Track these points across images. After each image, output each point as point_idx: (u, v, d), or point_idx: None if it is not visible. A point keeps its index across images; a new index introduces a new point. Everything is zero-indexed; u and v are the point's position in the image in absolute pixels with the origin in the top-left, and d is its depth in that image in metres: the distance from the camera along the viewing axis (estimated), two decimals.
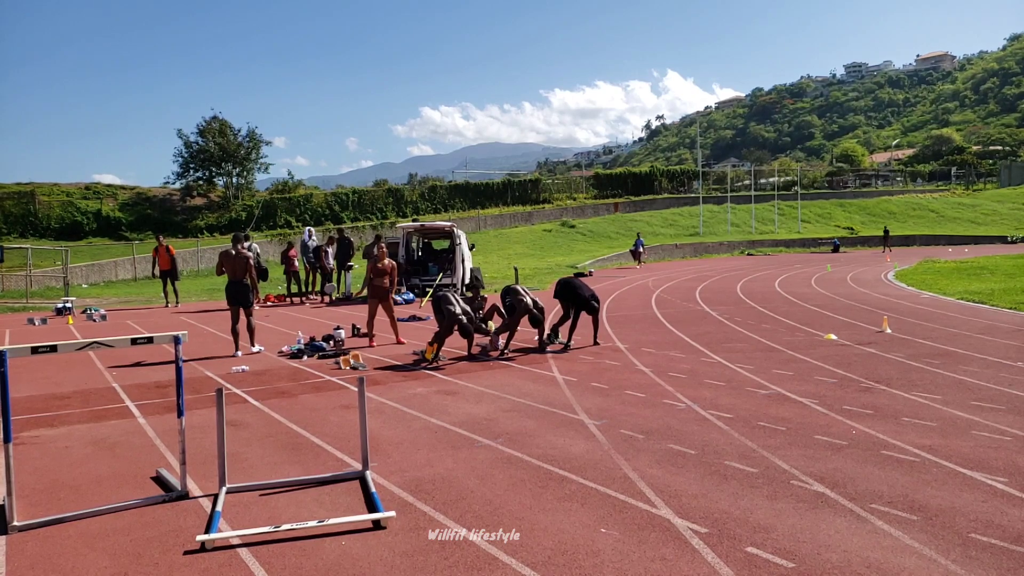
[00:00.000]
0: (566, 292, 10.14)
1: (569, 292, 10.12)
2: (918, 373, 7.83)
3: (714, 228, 46.60)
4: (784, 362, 8.66)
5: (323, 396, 7.48)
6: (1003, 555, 3.50)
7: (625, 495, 4.43)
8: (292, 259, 18.71)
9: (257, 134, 40.48)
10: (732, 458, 5.08)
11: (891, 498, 4.26)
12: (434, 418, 6.42)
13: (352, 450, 5.44)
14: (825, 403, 6.60)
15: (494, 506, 4.32)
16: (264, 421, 6.51)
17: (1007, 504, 4.13)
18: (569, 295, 10.10)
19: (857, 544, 3.66)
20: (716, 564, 3.49)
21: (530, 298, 9.83)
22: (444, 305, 9.40)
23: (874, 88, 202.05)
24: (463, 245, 18.50)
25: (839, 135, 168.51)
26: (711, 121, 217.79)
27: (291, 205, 38.94)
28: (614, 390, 7.37)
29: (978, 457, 4.96)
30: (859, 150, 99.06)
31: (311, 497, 4.56)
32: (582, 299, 10.00)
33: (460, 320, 9.32)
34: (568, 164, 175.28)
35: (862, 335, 10.55)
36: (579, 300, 10.01)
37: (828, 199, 57.52)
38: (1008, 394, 6.75)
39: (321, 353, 9.82)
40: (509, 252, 35.17)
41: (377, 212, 41.32)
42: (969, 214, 54.13)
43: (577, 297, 10.03)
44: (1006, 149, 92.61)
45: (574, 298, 10.06)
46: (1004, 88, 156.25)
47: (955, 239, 44.46)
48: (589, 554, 3.64)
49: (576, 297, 10.04)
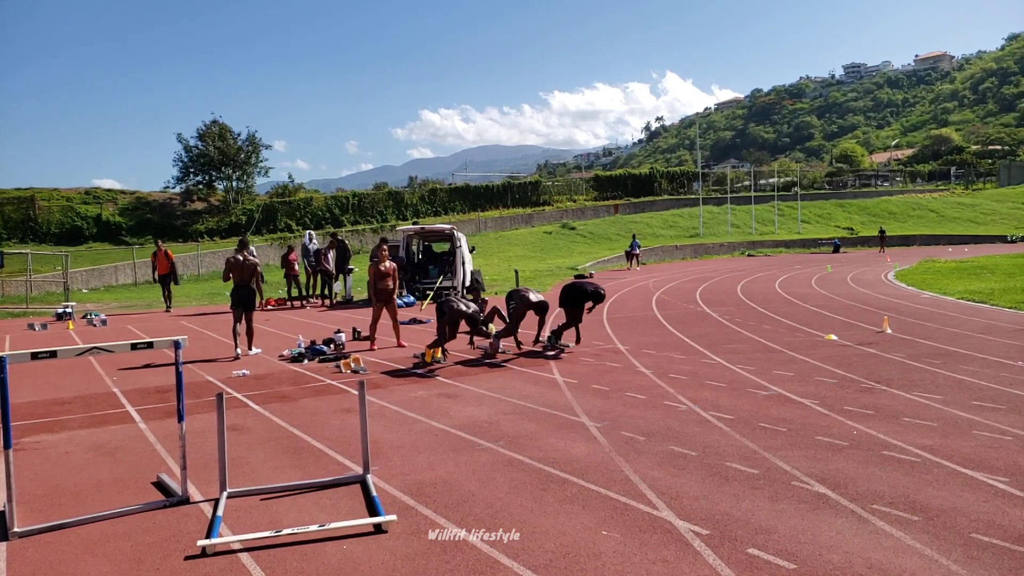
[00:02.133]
0: (574, 296, 10.14)
1: (577, 295, 10.11)
2: (919, 373, 7.82)
3: (714, 229, 46.61)
4: (785, 363, 8.65)
5: (324, 400, 7.48)
6: (1005, 555, 3.50)
7: (626, 497, 4.42)
8: (292, 263, 18.73)
9: (257, 138, 40.46)
10: (733, 459, 5.08)
11: (892, 498, 4.25)
12: (435, 421, 6.42)
13: (353, 454, 5.44)
14: (826, 404, 6.60)
15: (495, 509, 4.31)
16: (265, 425, 6.50)
17: (1008, 504, 4.13)
18: (577, 297, 10.10)
19: (859, 545, 3.66)
20: (718, 566, 3.49)
21: (534, 295, 9.90)
22: (447, 306, 9.46)
23: (873, 88, 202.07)
24: (463, 248, 18.50)
25: (838, 135, 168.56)
26: (710, 122, 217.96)
27: (291, 209, 38.93)
28: (615, 392, 7.37)
29: (979, 457, 4.96)
30: (859, 150, 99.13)
31: (312, 501, 4.56)
32: (590, 294, 10.04)
33: (466, 313, 9.46)
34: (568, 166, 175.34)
35: (863, 335, 10.55)
36: (588, 296, 10.05)
37: (828, 199, 57.55)
38: (1009, 394, 6.74)
39: (322, 357, 9.82)
40: (509, 254, 35.17)
41: (377, 215, 41.31)
42: (969, 214, 54.16)
43: (585, 296, 10.06)
44: (1005, 149, 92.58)
45: (582, 297, 10.07)
46: (1003, 88, 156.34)
47: (955, 239, 44.47)
48: (591, 556, 3.64)
49: (584, 296, 10.07)
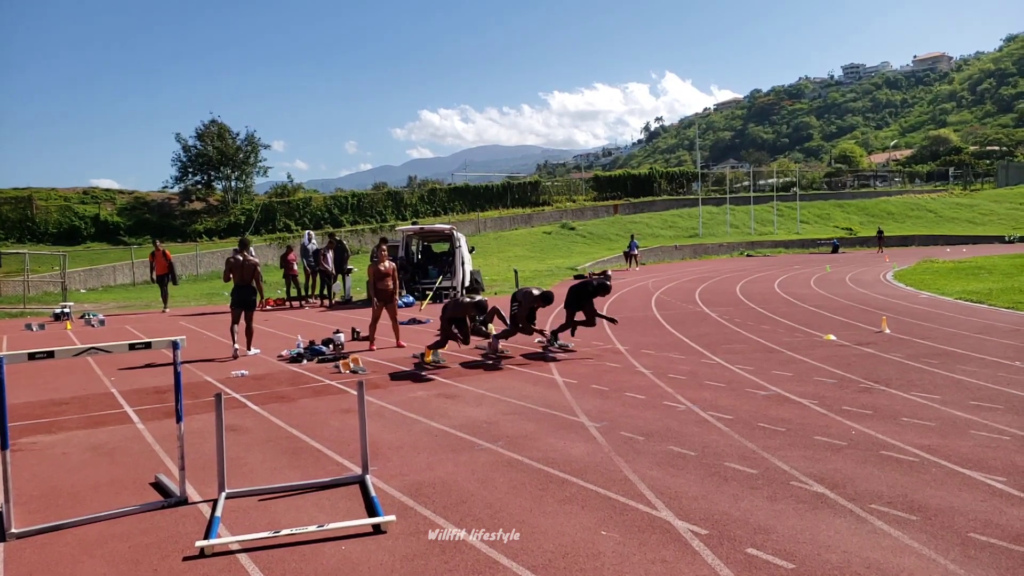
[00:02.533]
0: (579, 296, 9.96)
1: (582, 294, 9.94)
2: (917, 373, 7.83)
3: (713, 229, 46.64)
4: (783, 363, 8.66)
5: (323, 400, 7.48)
6: (1002, 554, 3.50)
7: (626, 497, 4.43)
8: (291, 263, 18.72)
9: (256, 138, 40.41)
10: (732, 459, 5.08)
11: (891, 498, 4.26)
12: (434, 421, 6.42)
13: (352, 454, 5.44)
14: (824, 404, 6.60)
15: (494, 509, 4.31)
16: (264, 426, 6.50)
17: (1006, 503, 4.13)
18: (582, 296, 9.95)
19: (857, 544, 3.66)
20: (716, 565, 3.49)
21: (537, 289, 9.81)
22: (452, 304, 9.47)
23: (872, 89, 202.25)
24: (463, 248, 18.50)
25: (837, 136, 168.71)
26: (710, 123, 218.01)
27: (290, 209, 38.89)
28: (614, 392, 7.37)
29: (977, 457, 4.96)
30: (857, 151, 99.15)
31: (311, 502, 4.56)
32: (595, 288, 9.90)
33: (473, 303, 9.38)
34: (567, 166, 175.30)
35: (861, 335, 10.56)
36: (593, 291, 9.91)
37: (827, 200, 57.58)
38: (1006, 393, 6.75)
39: (320, 357, 9.81)
40: (509, 255, 35.17)
41: (376, 215, 41.28)
42: (967, 214, 54.20)
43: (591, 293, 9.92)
44: (1003, 149, 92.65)
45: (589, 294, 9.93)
46: (1001, 89, 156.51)
47: (953, 239, 44.50)
48: (590, 556, 3.64)
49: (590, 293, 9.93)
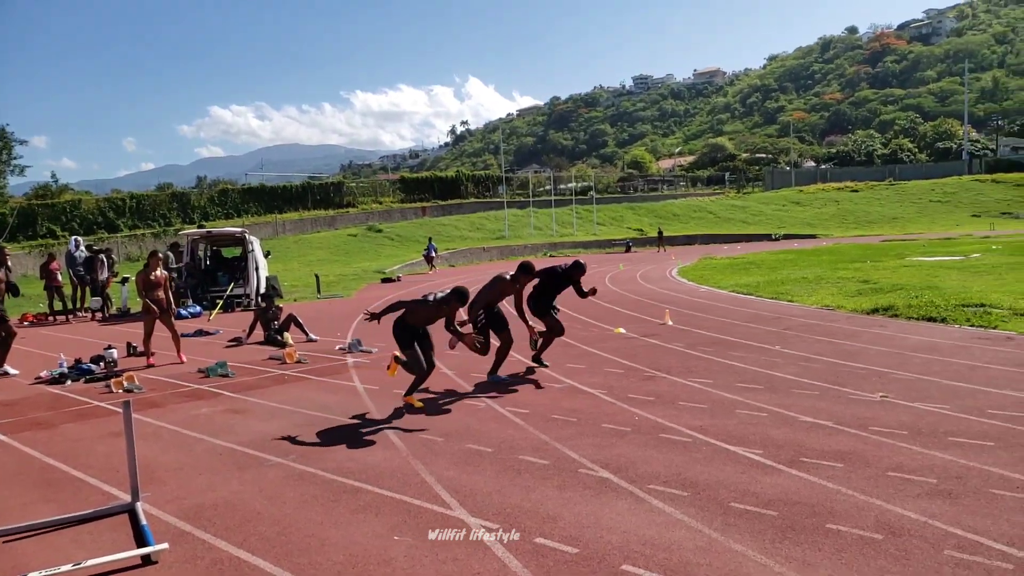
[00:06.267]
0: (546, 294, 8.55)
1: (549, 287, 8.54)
2: (695, 360, 8.54)
3: (519, 231, 48.16)
4: (578, 356, 9.09)
5: (89, 424, 6.68)
6: (755, 519, 3.89)
7: (420, 500, 4.37)
8: (54, 272, 16.57)
9: (8, 132, 35.75)
10: (526, 452, 5.21)
11: (667, 477, 4.58)
12: (219, 439, 5.96)
13: (121, 481, 4.89)
14: (613, 393, 6.99)
15: (282, 526, 4.08)
16: (14, 458, 5.68)
17: (761, 473, 4.60)
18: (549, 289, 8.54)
19: (635, 523, 3.89)
20: (505, 558, 3.54)
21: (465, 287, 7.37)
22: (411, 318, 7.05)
23: (659, 99, 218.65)
24: (256, 252, 17.53)
25: (629, 143, 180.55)
26: (513, 128, 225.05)
27: (55, 212, 34.51)
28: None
29: (740, 433, 5.49)
30: (647, 157, 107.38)
31: (68, 538, 4.04)
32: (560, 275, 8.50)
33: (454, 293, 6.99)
34: (374, 167, 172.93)
35: (647, 328, 11.36)
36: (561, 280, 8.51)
37: (620, 203, 61.61)
38: (766, 375, 7.56)
39: (89, 376, 8.77)
40: (311, 258, 33.89)
41: (160, 219, 37.83)
42: (741, 215, 60.40)
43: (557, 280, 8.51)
44: (769, 156, 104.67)
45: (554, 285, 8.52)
46: (766, 102, 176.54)
47: (729, 238, 49.40)
48: (381, 563, 3.54)
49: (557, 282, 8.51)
